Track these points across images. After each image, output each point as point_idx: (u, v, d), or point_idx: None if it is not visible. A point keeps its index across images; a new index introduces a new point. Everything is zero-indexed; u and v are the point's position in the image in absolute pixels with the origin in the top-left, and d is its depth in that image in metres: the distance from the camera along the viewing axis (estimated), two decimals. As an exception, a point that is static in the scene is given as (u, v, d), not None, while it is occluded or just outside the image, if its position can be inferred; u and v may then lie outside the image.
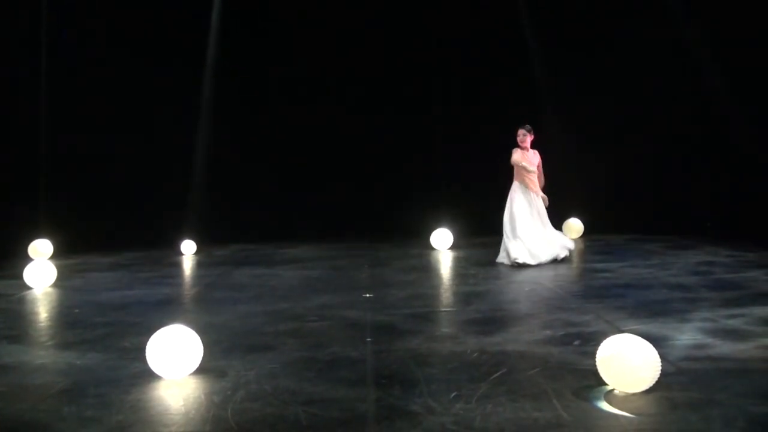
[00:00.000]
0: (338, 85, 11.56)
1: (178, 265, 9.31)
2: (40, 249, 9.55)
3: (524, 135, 8.66)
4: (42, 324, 6.26)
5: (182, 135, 11.08)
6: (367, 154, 11.54)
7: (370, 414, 3.76)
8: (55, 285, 7.64)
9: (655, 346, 3.94)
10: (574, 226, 11.01)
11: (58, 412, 3.92)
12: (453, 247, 9.95)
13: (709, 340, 4.93)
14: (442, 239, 9.98)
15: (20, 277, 7.54)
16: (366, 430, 3.56)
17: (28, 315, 6.62)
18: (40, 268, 7.59)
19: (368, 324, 5.72)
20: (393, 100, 11.58)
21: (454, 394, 3.95)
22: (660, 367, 3.86)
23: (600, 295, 6.70)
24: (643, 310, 5.93)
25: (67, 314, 6.42)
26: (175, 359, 4.31)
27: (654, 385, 3.87)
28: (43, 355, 5.16)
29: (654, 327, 5.31)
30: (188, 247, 10.05)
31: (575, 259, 9.01)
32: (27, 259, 8.63)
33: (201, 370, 4.42)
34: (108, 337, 5.52)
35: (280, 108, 11.53)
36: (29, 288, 7.47)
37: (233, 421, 3.67)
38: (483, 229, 10.87)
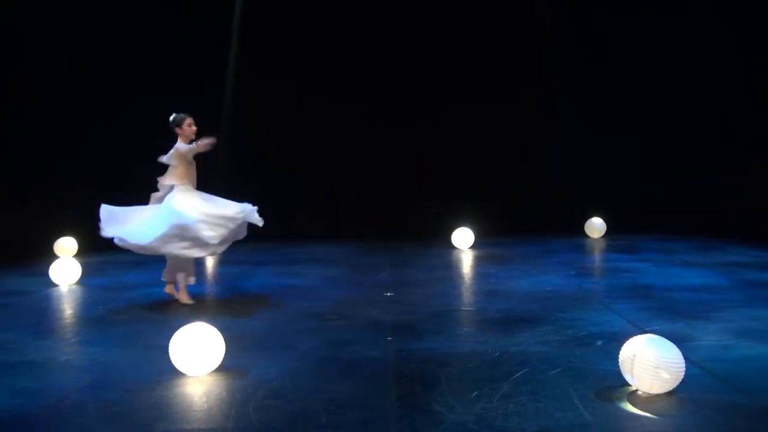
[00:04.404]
0: (361, 83, 11.55)
1: (200, 264, 9.37)
2: (66, 246, 9.66)
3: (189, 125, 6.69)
4: (67, 321, 6.34)
5: (204, 132, 11.13)
6: (387, 153, 11.52)
7: (391, 413, 3.76)
8: (80, 282, 7.73)
9: (679, 346, 3.91)
10: (597, 225, 10.93)
11: (83, 408, 3.97)
12: (474, 247, 9.92)
13: (734, 341, 4.88)
14: (462, 238, 9.96)
15: (46, 274, 7.64)
16: (387, 429, 3.56)
17: (53, 312, 6.70)
18: (66, 265, 7.69)
19: (389, 323, 5.72)
20: (415, 98, 11.54)
21: (475, 394, 3.94)
22: (684, 368, 3.82)
23: (623, 295, 6.64)
24: (666, 311, 5.88)
25: (91, 311, 6.49)
26: (197, 357, 4.34)
27: (678, 386, 3.83)
28: (68, 352, 5.23)
29: (678, 327, 5.26)
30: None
31: (598, 258, 8.95)
32: (52, 257, 8.73)
33: (223, 368, 4.45)
34: (132, 334, 5.58)
35: (303, 106, 11.54)
36: (55, 285, 7.57)
37: (255, 419, 3.69)
38: (504, 228, 10.85)
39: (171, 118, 6.66)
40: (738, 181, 10.25)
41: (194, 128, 6.65)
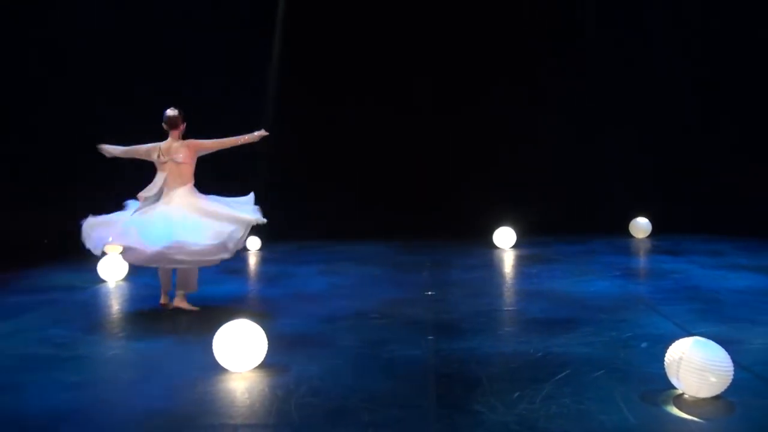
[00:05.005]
0: (398, 82, 11.54)
1: (243, 261, 9.48)
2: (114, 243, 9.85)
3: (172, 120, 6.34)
4: (114, 317, 6.48)
5: (247, 130, 11.23)
6: (428, 152, 11.50)
7: (431, 412, 3.75)
8: (127, 279, 7.87)
9: (726, 349, 3.82)
10: (642, 225, 10.74)
11: (128, 402, 4.05)
12: (515, 246, 9.84)
13: (784, 345, 4.75)
14: (504, 238, 9.89)
15: (94, 270, 7.81)
16: (427, 428, 3.56)
17: (101, 308, 6.86)
18: (113, 262, 7.84)
19: (430, 322, 5.71)
20: (457, 96, 11.50)
21: (517, 394, 3.91)
22: (732, 372, 3.73)
23: (668, 296, 6.52)
24: (713, 313, 5.75)
25: (138, 307, 6.62)
26: (240, 353, 4.40)
27: (725, 390, 3.75)
28: (115, 347, 5.35)
29: (725, 330, 5.14)
30: (253, 244, 10.22)
31: (642, 258, 8.81)
32: (101, 253, 8.92)
33: (265, 365, 4.49)
34: (176, 330, 5.68)
35: (342, 104, 11.59)
36: (103, 281, 7.73)
37: (296, 415, 3.72)
38: (546, 227, 10.74)
39: (177, 113, 6.33)
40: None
41: None
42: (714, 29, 10.88)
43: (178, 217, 6.02)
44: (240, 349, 4.39)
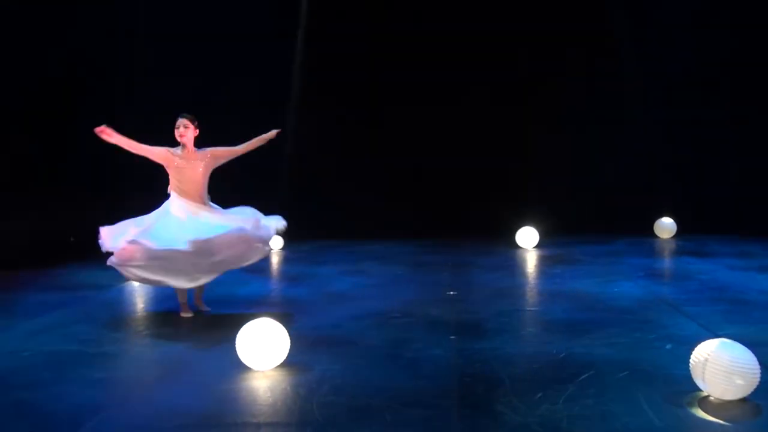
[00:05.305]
0: (423, 82, 11.52)
1: (266, 260, 9.52)
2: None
3: (185, 127, 6.14)
4: (139, 314, 6.55)
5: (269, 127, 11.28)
6: (449, 150, 11.47)
7: (453, 412, 3.75)
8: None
9: (753, 351, 3.76)
10: (667, 225, 10.63)
11: (152, 399, 4.10)
12: (538, 246, 9.79)
13: (813, 347, 4.67)
14: (527, 237, 9.84)
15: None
16: (449, 428, 3.55)
17: (126, 306, 6.93)
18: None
19: (452, 321, 5.70)
20: (479, 95, 11.45)
21: (539, 395, 3.89)
22: (759, 374, 3.69)
23: (693, 297, 6.44)
24: (740, 314, 5.68)
25: (162, 305, 6.67)
26: (263, 351, 4.42)
27: (752, 392, 3.70)
28: (140, 344, 5.42)
29: (753, 331, 5.07)
30: (276, 242, 10.27)
31: (667, 258, 8.71)
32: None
33: (287, 363, 4.51)
34: (200, 328, 5.72)
35: (366, 104, 11.60)
36: (128, 280, 7.80)
37: (318, 414, 3.73)
38: (569, 227, 10.66)
39: (190, 117, 6.15)
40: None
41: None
42: (745, 22, 10.75)
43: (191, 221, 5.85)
44: (263, 347, 4.42)
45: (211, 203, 6.20)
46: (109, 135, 6.02)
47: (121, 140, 6.06)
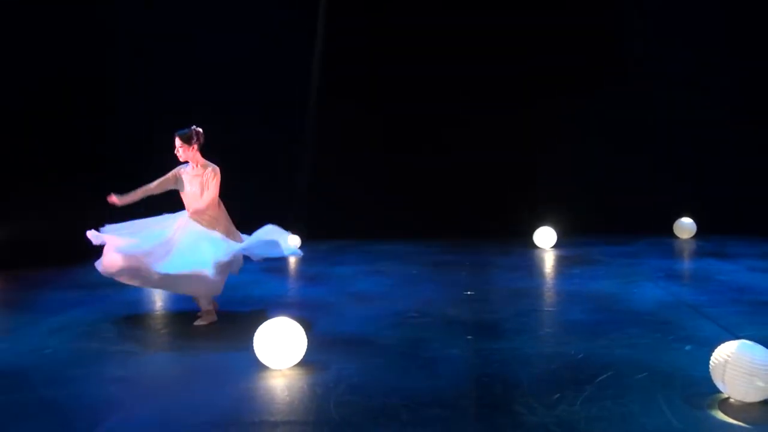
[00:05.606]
0: (441, 80, 11.49)
1: (283, 259, 9.56)
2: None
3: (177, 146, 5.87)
4: (158, 313, 6.60)
5: (289, 127, 11.33)
6: (467, 151, 11.44)
7: (470, 412, 3.74)
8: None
9: (774, 353, 3.73)
10: (686, 225, 10.54)
11: (171, 397, 4.13)
12: (556, 246, 9.75)
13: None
14: (545, 237, 9.80)
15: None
16: (467, 428, 3.55)
17: (145, 304, 6.97)
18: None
19: (469, 322, 5.69)
20: (496, 96, 11.41)
21: (557, 396, 3.88)
22: (780, 376, 3.65)
23: (714, 298, 6.39)
24: (761, 315, 5.62)
25: (181, 304, 6.72)
26: (280, 350, 4.44)
27: (773, 394, 3.66)
28: (158, 343, 5.46)
29: (774, 333, 5.02)
30: (293, 242, 10.30)
31: (686, 259, 8.63)
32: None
33: (305, 362, 4.53)
34: (218, 327, 5.75)
35: (384, 103, 11.58)
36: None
37: (335, 413, 3.74)
38: (587, 227, 10.61)
39: (179, 135, 5.84)
40: None
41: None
42: (756, 23, 10.66)
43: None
44: (280, 346, 4.44)
45: (226, 221, 5.94)
46: (121, 200, 5.91)
47: (135, 195, 5.93)
